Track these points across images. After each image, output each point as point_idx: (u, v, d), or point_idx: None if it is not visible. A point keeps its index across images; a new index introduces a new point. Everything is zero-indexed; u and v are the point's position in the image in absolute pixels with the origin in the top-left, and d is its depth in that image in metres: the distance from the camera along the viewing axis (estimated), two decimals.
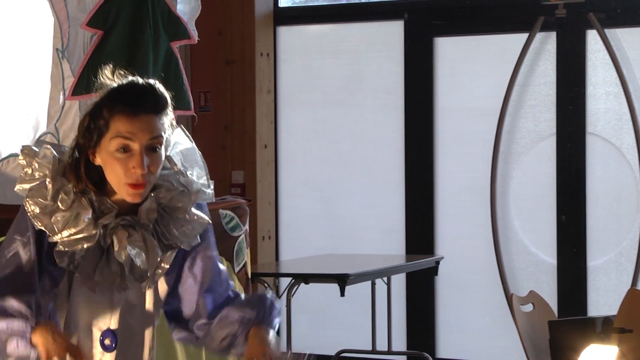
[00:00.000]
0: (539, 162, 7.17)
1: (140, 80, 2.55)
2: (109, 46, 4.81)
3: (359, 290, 7.13)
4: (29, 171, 2.57)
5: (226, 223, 4.39)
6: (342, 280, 6.15)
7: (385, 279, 7.22)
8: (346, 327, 7.61)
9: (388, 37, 7.57)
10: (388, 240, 7.55)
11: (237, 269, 4.42)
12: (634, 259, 6.84)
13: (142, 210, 2.57)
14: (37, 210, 2.53)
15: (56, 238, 2.53)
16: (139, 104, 2.50)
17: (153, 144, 2.51)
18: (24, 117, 5.14)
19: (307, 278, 6.34)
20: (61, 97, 5.00)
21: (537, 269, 7.15)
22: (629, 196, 6.95)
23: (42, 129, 5.12)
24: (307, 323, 7.63)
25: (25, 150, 2.59)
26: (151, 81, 2.55)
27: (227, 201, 4.44)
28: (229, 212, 4.40)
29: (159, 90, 2.56)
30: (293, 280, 6.38)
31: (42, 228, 2.53)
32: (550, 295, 6.87)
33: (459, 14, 7.35)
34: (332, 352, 7.39)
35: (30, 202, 2.54)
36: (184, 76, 5.04)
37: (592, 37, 7.00)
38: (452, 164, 7.41)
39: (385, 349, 7.34)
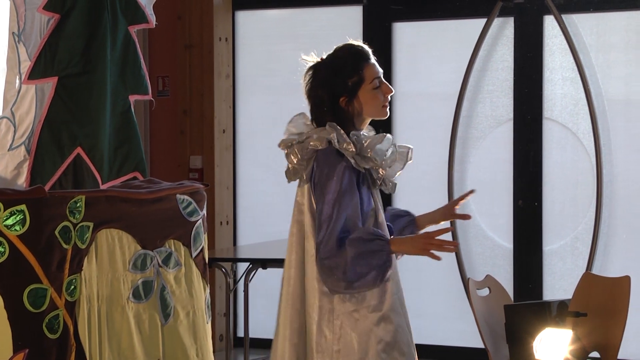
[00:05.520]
0: (497, 147, 7.21)
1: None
2: (66, 30, 4.76)
3: None
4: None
5: (184, 208, 4.38)
6: None
7: None
8: None
9: (347, 21, 7.58)
10: None
11: (194, 254, 4.41)
12: (589, 243, 6.90)
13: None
14: (353, 154, 3.61)
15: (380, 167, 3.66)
16: (369, 54, 3.71)
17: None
18: None
19: (265, 263, 6.34)
20: (17, 81, 4.95)
21: (494, 254, 7.20)
22: (584, 181, 7.02)
23: None
24: (264, 308, 7.63)
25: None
26: None
27: (184, 186, 4.43)
28: (186, 197, 4.39)
29: None
30: (251, 265, 6.39)
31: (366, 166, 3.63)
32: (506, 279, 6.93)
33: None
34: None
35: (346, 153, 3.63)
36: (142, 60, 5.01)
37: (550, 23, 7.04)
38: None
39: None
